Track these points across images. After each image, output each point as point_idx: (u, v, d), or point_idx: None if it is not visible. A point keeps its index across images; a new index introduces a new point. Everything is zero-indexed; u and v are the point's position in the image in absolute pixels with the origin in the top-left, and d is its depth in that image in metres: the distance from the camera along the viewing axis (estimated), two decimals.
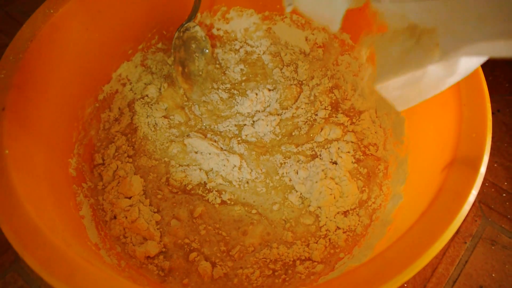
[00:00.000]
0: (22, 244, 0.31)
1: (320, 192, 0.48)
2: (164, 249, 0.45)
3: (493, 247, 0.50)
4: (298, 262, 0.45)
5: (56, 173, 0.44)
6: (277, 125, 0.55)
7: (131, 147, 0.53)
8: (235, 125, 0.56)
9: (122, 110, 0.56)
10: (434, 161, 0.39)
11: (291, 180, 0.51)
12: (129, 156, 0.52)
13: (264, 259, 0.45)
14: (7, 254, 0.49)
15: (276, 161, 0.53)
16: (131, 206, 0.47)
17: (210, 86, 0.59)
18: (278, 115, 0.56)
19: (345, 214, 0.48)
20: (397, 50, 0.29)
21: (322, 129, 0.54)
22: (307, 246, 0.46)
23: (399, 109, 0.32)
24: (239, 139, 0.54)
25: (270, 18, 0.60)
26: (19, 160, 0.37)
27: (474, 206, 0.53)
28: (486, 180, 0.55)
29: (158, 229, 0.46)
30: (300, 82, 0.59)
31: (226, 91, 0.59)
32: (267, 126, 0.55)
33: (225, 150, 0.53)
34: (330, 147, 0.52)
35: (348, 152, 0.52)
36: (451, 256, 0.49)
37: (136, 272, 0.43)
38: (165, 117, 0.56)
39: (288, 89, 0.58)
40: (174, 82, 0.58)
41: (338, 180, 0.50)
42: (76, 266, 0.31)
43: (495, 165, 0.56)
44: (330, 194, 0.48)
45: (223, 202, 0.49)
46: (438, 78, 0.27)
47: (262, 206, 0.49)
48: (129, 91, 0.57)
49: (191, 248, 0.46)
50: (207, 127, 0.56)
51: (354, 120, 0.55)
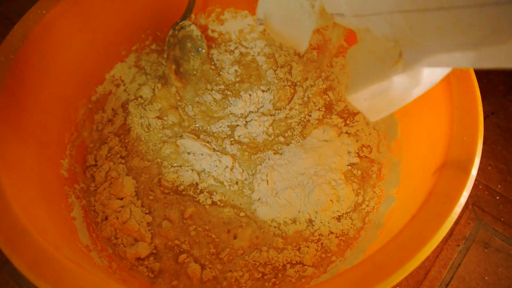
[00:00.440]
0: (10, 246, 0.31)
1: (318, 198, 0.48)
2: (154, 250, 0.45)
3: (486, 250, 0.50)
4: (288, 266, 0.44)
5: (48, 174, 0.43)
6: (270, 125, 0.55)
7: (124, 148, 0.53)
8: (228, 125, 0.56)
9: (115, 111, 0.55)
10: (426, 163, 0.39)
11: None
12: (121, 157, 0.52)
13: (254, 262, 0.45)
14: None
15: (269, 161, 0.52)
16: (122, 207, 0.47)
17: (204, 87, 0.59)
18: (272, 115, 0.56)
19: (338, 218, 0.48)
20: (365, 62, 0.30)
21: (315, 129, 0.54)
22: (298, 250, 0.46)
23: (372, 119, 0.32)
24: (232, 139, 0.54)
25: None
26: (9, 161, 0.37)
27: (468, 208, 0.53)
28: (480, 182, 0.55)
29: (149, 230, 0.46)
30: (293, 84, 0.59)
31: (220, 92, 0.59)
32: (260, 126, 0.55)
33: (217, 151, 0.53)
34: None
35: (343, 154, 0.52)
36: (444, 259, 0.49)
37: (127, 274, 0.43)
38: (158, 117, 0.55)
39: (281, 90, 0.58)
40: (167, 82, 0.58)
41: (334, 183, 0.49)
42: (64, 268, 0.30)
43: (489, 167, 0.56)
44: (330, 200, 0.48)
45: (213, 203, 0.49)
46: (404, 89, 0.28)
47: (249, 209, 0.49)
48: (122, 92, 0.56)
49: (181, 250, 0.45)
50: (200, 128, 0.56)
51: (348, 122, 0.55)
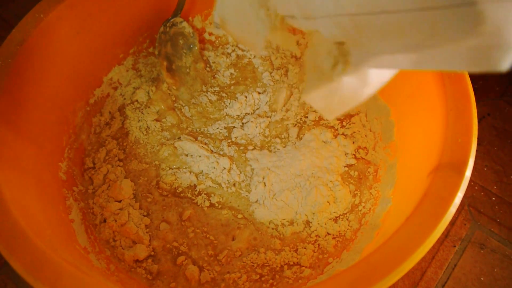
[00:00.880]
0: (8, 249, 0.31)
1: (315, 200, 0.48)
2: (152, 252, 0.45)
3: (482, 251, 0.50)
4: (286, 267, 0.45)
5: (46, 177, 0.44)
6: (266, 127, 0.55)
7: (122, 151, 0.53)
8: (225, 127, 0.56)
9: (113, 115, 0.56)
10: (422, 165, 0.39)
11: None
12: (119, 160, 0.52)
13: (252, 264, 0.45)
14: None
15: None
16: (121, 209, 0.47)
17: (199, 88, 0.59)
18: (268, 117, 0.56)
19: (335, 219, 0.48)
20: (316, 63, 0.31)
21: (311, 130, 0.54)
22: (295, 251, 0.46)
23: (328, 118, 0.33)
24: (229, 141, 0.54)
25: None
26: (7, 164, 0.37)
27: (464, 209, 0.53)
28: (476, 184, 0.55)
29: (147, 232, 0.46)
30: (290, 86, 0.59)
31: (215, 93, 0.59)
32: (256, 128, 0.55)
33: (215, 152, 0.53)
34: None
35: (339, 155, 0.52)
36: (440, 259, 0.50)
37: (125, 276, 0.43)
38: (157, 120, 0.56)
39: (278, 92, 0.58)
40: (161, 83, 0.58)
41: (331, 185, 0.50)
42: (62, 270, 0.31)
43: (485, 168, 0.56)
44: (327, 202, 0.48)
45: (211, 205, 0.49)
46: (354, 89, 0.28)
47: (247, 210, 0.49)
48: (119, 96, 0.57)
49: (179, 252, 0.46)
50: (197, 129, 0.56)
51: (345, 123, 0.55)
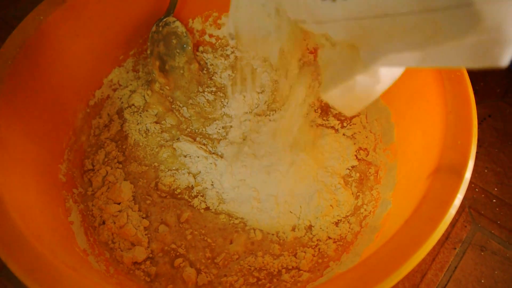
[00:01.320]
0: (6, 251, 0.31)
1: (318, 204, 0.48)
2: (151, 254, 0.45)
3: (482, 253, 0.50)
4: (284, 271, 0.44)
5: (46, 179, 0.44)
6: (265, 126, 0.55)
7: (122, 153, 0.53)
8: (223, 127, 0.56)
9: (111, 117, 0.56)
10: (421, 167, 0.39)
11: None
12: (119, 162, 0.52)
13: (249, 267, 0.45)
14: None
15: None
16: (120, 211, 0.47)
17: (196, 89, 0.59)
18: (266, 116, 0.56)
19: (336, 223, 0.48)
20: (331, 63, 0.32)
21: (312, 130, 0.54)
22: (295, 256, 0.46)
23: (347, 114, 0.35)
24: (227, 141, 0.54)
25: None
26: (7, 167, 0.37)
27: (464, 211, 0.53)
28: (476, 185, 0.55)
29: (146, 234, 0.46)
30: (289, 86, 0.59)
31: (212, 93, 0.59)
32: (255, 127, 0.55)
33: (213, 153, 0.53)
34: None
35: (340, 156, 0.52)
36: (440, 262, 0.49)
37: (124, 278, 0.43)
38: (156, 122, 0.56)
39: (276, 92, 0.58)
40: (153, 83, 0.57)
41: (333, 188, 0.49)
42: (60, 274, 0.31)
43: (486, 170, 0.56)
44: (330, 205, 0.48)
45: (207, 208, 0.49)
46: (367, 87, 0.30)
47: (245, 215, 0.48)
48: (117, 99, 0.57)
49: (177, 254, 0.46)
50: (196, 130, 0.56)
51: (345, 124, 0.55)
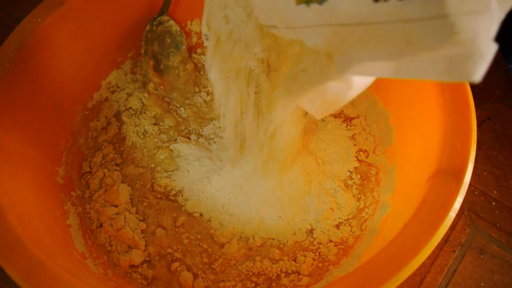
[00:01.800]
0: (4, 255, 0.31)
1: (318, 207, 0.47)
2: (148, 258, 0.45)
3: (482, 256, 0.50)
4: (283, 275, 0.44)
5: (43, 182, 0.43)
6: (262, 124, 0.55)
7: (119, 156, 0.52)
8: (219, 127, 0.55)
9: (109, 120, 0.55)
10: (420, 171, 0.39)
11: None
12: (116, 164, 0.52)
13: (247, 272, 0.44)
14: None
15: None
16: (117, 214, 0.47)
17: (192, 90, 0.59)
18: (264, 115, 0.56)
19: (337, 226, 0.47)
20: (304, 68, 0.32)
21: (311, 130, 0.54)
22: (294, 260, 0.45)
23: (318, 117, 0.35)
24: (223, 141, 0.53)
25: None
26: (4, 169, 0.37)
27: (463, 214, 0.53)
28: (475, 188, 0.55)
29: (143, 237, 0.46)
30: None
31: (209, 93, 0.59)
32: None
33: (210, 156, 0.52)
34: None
35: (340, 159, 0.52)
36: (439, 265, 0.49)
37: (122, 281, 0.43)
38: (155, 124, 0.55)
39: (274, 92, 0.58)
40: (148, 83, 0.57)
41: (333, 191, 0.49)
42: (59, 277, 0.31)
43: (485, 173, 0.56)
44: (330, 208, 0.47)
45: (201, 214, 0.48)
46: (339, 92, 0.30)
47: (243, 220, 0.48)
48: (114, 102, 0.56)
49: (174, 258, 0.45)
50: (193, 131, 0.56)
51: (346, 125, 0.55)
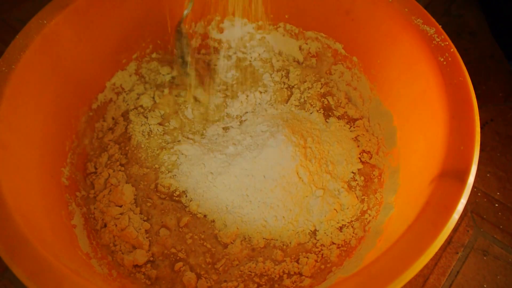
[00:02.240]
0: (10, 255, 0.31)
1: (322, 208, 0.47)
2: (151, 258, 0.45)
3: (485, 258, 0.50)
4: (285, 276, 0.44)
5: (49, 182, 0.44)
6: (263, 124, 0.55)
7: (124, 156, 0.53)
8: (223, 128, 0.56)
9: (116, 120, 0.56)
10: (424, 172, 0.39)
11: None
12: (121, 165, 0.52)
13: (249, 273, 0.44)
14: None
15: None
16: (121, 214, 0.47)
17: (214, 87, 0.59)
18: (267, 116, 0.56)
19: (340, 228, 0.47)
20: None
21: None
22: (297, 261, 0.45)
23: None
24: (227, 142, 0.53)
25: (264, 28, 0.60)
26: (10, 170, 0.37)
27: (466, 216, 0.53)
28: (479, 190, 0.55)
29: (147, 237, 0.46)
30: (290, 86, 0.59)
31: (221, 91, 0.59)
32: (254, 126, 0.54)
33: (213, 156, 0.53)
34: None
35: (343, 160, 0.52)
36: (442, 266, 0.49)
37: (127, 281, 0.43)
38: (160, 124, 0.56)
39: (278, 91, 0.58)
40: (171, 88, 0.58)
41: (336, 192, 0.49)
42: (63, 277, 0.31)
43: (488, 175, 0.56)
44: (334, 209, 0.47)
45: (205, 215, 0.48)
46: None
47: (243, 222, 0.48)
48: (122, 102, 0.57)
49: (177, 258, 0.45)
50: (197, 132, 0.56)
51: (349, 127, 0.55)
